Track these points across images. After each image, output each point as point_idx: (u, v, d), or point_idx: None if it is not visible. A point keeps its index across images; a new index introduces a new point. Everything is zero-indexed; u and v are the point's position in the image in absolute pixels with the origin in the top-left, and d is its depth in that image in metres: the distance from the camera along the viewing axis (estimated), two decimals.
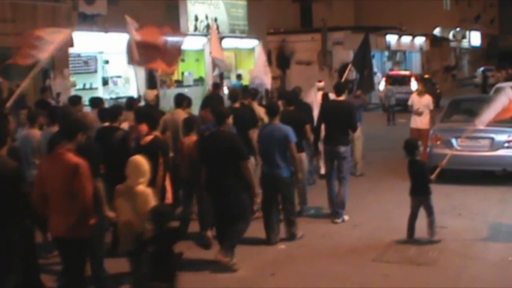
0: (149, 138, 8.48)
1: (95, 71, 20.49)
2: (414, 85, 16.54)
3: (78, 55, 19.45)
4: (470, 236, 10.19)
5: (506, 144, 13.72)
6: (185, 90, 20.39)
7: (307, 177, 12.12)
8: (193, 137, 9.77)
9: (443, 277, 8.45)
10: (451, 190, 12.88)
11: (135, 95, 20.45)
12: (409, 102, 16.94)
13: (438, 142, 14.03)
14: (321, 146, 12.15)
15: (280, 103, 11.98)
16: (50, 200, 6.54)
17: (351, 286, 8.31)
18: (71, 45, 17.38)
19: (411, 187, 9.98)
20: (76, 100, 11.62)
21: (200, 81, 25.31)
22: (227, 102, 13.65)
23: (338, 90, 11.86)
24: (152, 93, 13.50)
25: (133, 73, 21.36)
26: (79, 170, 6.49)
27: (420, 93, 17.04)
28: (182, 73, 25.10)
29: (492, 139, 13.81)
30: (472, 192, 13.20)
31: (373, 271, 8.76)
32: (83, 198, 6.47)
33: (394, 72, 35.17)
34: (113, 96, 20.51)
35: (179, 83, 23.80)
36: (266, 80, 17.70)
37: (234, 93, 12.89)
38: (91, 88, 20.31)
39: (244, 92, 13.47)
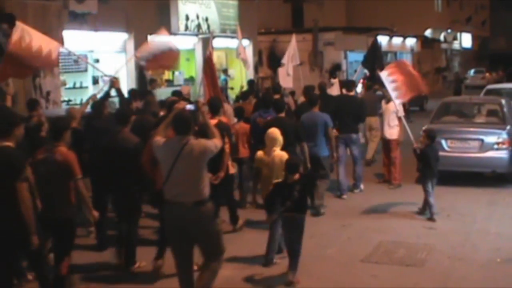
0: (214, 121, 9.27)
1: (85, 70, 20.38)
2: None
3: (68, 54, 19.35)
4: (459, 237, 10.23)
5: (496, 146, 13.75)
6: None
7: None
8: (244, 124, 11.77)
9: (432, 278, 8.47)
10: (440, 192, 12.88)
11: (126, 95, 20.42)
12: (381, 111, 15.30)
13: None
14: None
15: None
16: (160, 164, 7.64)
17: (339, 286, 8.32)
18: (61, 43, 17.33)
19: (424, 169, 11.45)
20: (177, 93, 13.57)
21: (190, 80, 25.25)
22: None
23: (349, 87, 14.26)
24: (186, 88, 15.09)
25: (124, 72, 21.35)
26: None
27: (389, 99, 13.98)
28: (173, 73, 25.04)
29: (482, 140, 13.84)
30: (461, 194, 13.23)
31: (362, 271, 8.78)
32: None
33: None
34: (103, 95, 20.40)
35: (170, 82, 23.73)
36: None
37: (279, 86, 15.87)
38: (81, 87, 20.20)
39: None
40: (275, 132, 9.24)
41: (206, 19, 24.69)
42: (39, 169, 7.27)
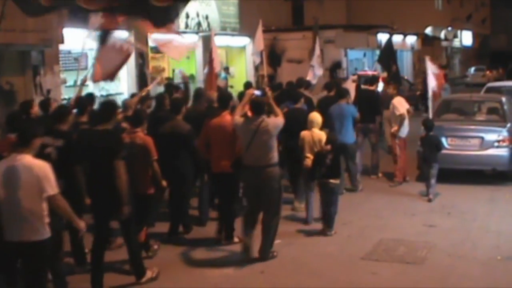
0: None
1: (86, 68, 20.37)
2: (381, 86, 17.35)
3: (69, 52, 19.33)
4: (459, 235, 10.23)
5: (496, 144, 13.73)
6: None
7: None
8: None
9: (432, 276, 8.47)
10: (441, 189, 12.90)
11: (126, 93, 20.45)
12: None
13: None
14: None
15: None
16: (213, 148, 9.71)
17: (339, 284, 8.32)
18: (62, 41, 17.32)
19: (424, 156, 12.65)
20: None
21: (191, 78, 25.22)
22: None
23: (372, 81, 15.99)
24: (222, 83, 17.04)
25: (124, 70, 21.32)
26: None
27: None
28: (173, 71, 25.03)
29: (482, 138, 13.83)
30: (462, 191, 13.23)
31: (362, 269, 8.78)
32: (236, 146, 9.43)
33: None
34: (104, 93, 20.43)
35: (170, 81, 23.70)
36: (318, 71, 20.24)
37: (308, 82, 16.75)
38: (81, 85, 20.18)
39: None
40: (314, 115, 11.11)
41: (207, 17, 24.68)
42: None
